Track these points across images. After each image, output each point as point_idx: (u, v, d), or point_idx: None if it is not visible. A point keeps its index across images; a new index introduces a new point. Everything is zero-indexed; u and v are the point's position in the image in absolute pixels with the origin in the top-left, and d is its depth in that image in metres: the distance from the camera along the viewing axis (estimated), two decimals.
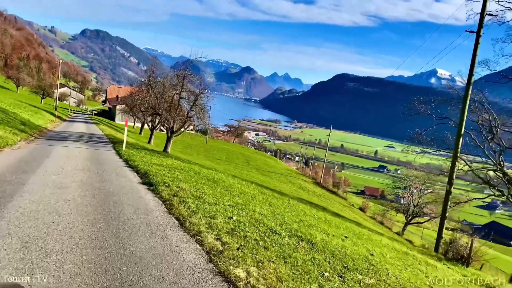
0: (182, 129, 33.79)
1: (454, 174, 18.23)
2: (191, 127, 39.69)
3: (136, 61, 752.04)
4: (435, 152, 22.11)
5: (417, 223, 49.55)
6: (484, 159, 20.50)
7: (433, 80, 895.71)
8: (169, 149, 32.46)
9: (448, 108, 22.51)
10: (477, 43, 17.22)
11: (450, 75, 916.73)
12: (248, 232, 6.35)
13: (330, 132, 51.03)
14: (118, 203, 7.33)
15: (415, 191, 48.86)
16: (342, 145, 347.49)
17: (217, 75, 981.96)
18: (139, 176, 11.26)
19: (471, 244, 13.29)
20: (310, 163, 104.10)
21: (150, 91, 35.53)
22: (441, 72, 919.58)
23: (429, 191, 48.24)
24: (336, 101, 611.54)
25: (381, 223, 44.82)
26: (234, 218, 7.05)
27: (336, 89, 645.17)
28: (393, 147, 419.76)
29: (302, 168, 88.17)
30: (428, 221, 48.83)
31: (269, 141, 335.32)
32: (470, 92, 17.65)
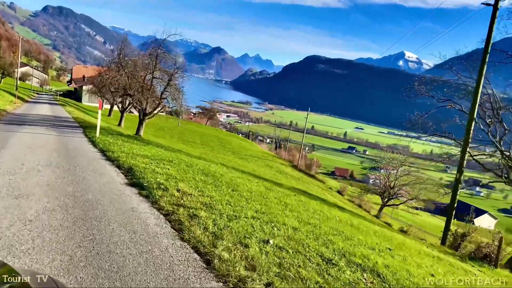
0: (155, 111, 31.73)
1: (465, 162, 16.72)
2: (165, 108, 37.43)
3: (102, 40, 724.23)
4: (428, 138, 20.61)
5: (393, 205, 49.43)
6: (484, 146, 19.19)
7: (400, 63, 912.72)
8: (141, 133, 30.33)
9: (445, 89, 21.12)
10: (493, 17, 15.57)
11: (417, 58, 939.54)
12: (301, 267, 4.34)
13: (308, 114, 49.44)
14: (103, 221, 5.09)
15: (391, 172, 48.57)
16: (312, 126, 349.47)
17: (187, 56, 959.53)
18: (122, 173, 8.91)
19: (500, 243, 11.88)
20: (282, 145, 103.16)
21: (121, 70, 32.74)
22: (409, 55, 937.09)
23: (399, 170, 47.92)
24: (306, 83, 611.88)
25: (359, 206, 44.44)
26: (271, 241, 5.00)
27: (307, 71, 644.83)
28: (361, 128, 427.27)
29: (277, 151, 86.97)
30: (404, 203, 48.69)
31: (240, 123, 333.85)
32: (484, 71, 16.03)
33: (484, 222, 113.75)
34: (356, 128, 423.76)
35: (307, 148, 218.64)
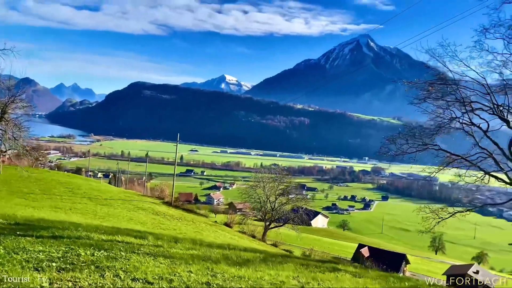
0: None
1: None
2: None
3: None
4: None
5: (276, 226, 47.72)
6: None
7: (223, 86, 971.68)
8: None
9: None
10: None
11: (236, 81, 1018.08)
12: None
13: (177, 142, 43.55)
14: None
15: (268, 193, 47.20)
16: (147, 154, 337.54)
17: None
18: None
19: None
20: (123, 179, 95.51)
21: None
22: (229, 78, 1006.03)
23: (278, 190, 46.81)
24: (134, 110, 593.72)
25: (253, 236, 41.29)
26: None
27: (133, 98, 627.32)
28: (196, 150, 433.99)
29: (126, 186, 77.92)
30: (286, 223, 47.32)
31: (64, 159, 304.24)
32: None
33: (319, 222, 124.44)
34: (191, 150, 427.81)
35: (144, 177, 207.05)
